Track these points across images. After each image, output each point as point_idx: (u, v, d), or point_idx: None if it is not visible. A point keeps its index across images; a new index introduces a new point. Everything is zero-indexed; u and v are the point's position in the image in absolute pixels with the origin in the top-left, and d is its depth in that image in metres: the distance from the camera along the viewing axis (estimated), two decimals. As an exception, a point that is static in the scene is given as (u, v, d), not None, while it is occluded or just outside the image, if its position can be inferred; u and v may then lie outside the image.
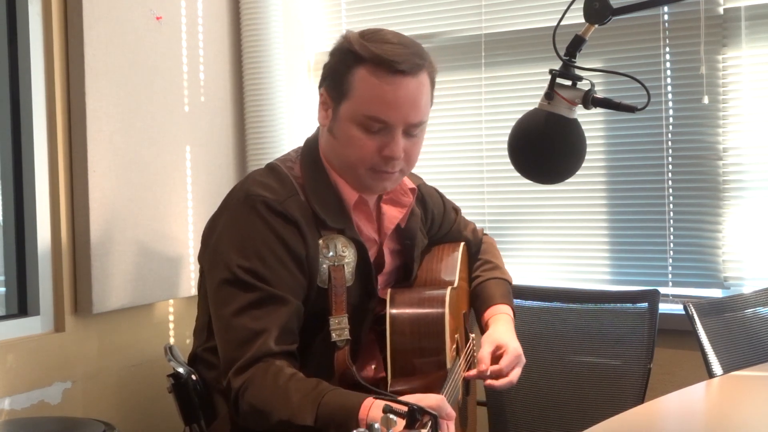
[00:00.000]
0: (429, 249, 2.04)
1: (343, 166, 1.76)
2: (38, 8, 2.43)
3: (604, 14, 1.57)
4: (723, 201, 2.58)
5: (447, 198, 2.15)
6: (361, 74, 1.68)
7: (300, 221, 1.71)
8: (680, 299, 2.52)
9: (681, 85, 2.63)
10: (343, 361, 1.71)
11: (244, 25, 2.96)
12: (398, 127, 1.69)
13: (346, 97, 1.70)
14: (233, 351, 1.65)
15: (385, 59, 1.66)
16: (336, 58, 1.73)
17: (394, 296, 1.78)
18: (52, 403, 2.42)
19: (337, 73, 1.71)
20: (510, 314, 2.02)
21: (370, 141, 1.70)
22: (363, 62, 1.67)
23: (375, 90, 1.67)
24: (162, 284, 2.67)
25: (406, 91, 1.68)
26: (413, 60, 1.68)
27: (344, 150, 1.73)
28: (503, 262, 2.17)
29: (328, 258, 1.73)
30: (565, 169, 1.64)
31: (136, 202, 2.58)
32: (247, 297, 1.66)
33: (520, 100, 2.82)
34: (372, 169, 1.72)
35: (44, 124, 2.45)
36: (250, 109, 2.96)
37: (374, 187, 1.78)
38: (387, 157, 1.70)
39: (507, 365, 1.83)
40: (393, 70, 1.67)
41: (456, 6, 2.95)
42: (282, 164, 1.81)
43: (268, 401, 1.58)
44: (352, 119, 1.69)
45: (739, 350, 2.22)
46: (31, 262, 2.44)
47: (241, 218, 1.72)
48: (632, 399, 2.25)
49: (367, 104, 1.68)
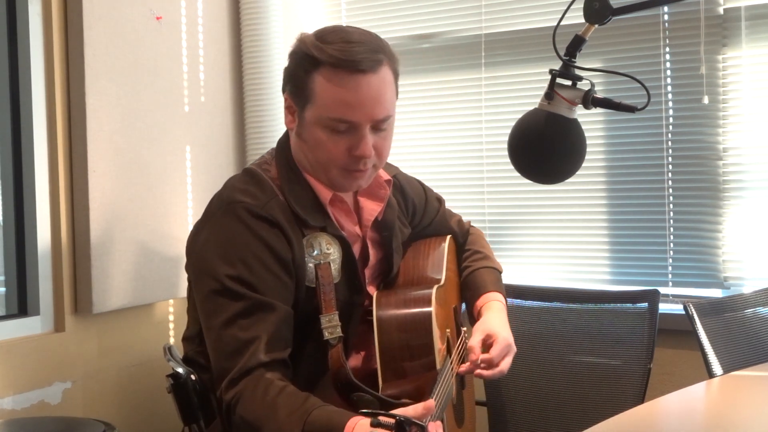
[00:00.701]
0: (415, 244, 2.03)
1: (314, 167, 1.75)
2: (38, 8, 2.43)
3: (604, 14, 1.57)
4: (723, 201, 2.58)
5: (429, 188, 2.13)
6: (320, 79, 1.66)
7: (283, 223, 1.70)
8: (680, 299, 2.52)
9: (681, 85, 2.63)
10: (338, 359, 1.71)
11: (244, 25, 2.96)
12: (365, 125, 1.68)
13: (309, 101, 1.68)
14: (224, 362, 1.65)
15: (342, 60, 1.64)
16: (294, 63, 1.71)
17: (380, 299, 1.78)
18: (52, 403, 2.42)
19: (298, 79, 1.70)
20: (502, 301, 2.00)
21: (339, 142, 1.68)
22: (321, 65, 1.66)
23: (336, 93, 1.65)
24: (162, 284, 2.67)
25: (368, 89, 1.66)
26: (372, 57, 1.66)
27: (314, 153, 1.72)
28: (492, 251, 2.15)
29: (313, 257, 1.73)
30: (565, 169, 1.64)
31: (136, 202, 2.58)
32: (235, 306, 1.65)
33: (520, 100, 2.81)
34: (344, 169, 1.72)
35: (44, 124, 2.45)
36: (250, 109, 2.96)
37: (348, 186, 1.77)
38: (357, 157, 1.69)
39: (497, 355, 1.81)
40: (352, 70, 1.64)
41: (456, 6, 2.94)
42: (258, 167, 1.80)
43: (258, 416, 1.58)
44: (318, 123, 1.68)
45: (739, 350, 2.22)
46: (31, 262, 2.44)
47: (224, 226, 1.71)
48: (632, 399, 2.25)
49: (331, 108, 1.66)
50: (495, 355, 1.81)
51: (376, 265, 1.91)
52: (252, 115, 2.96)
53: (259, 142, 2.93)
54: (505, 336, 1.86)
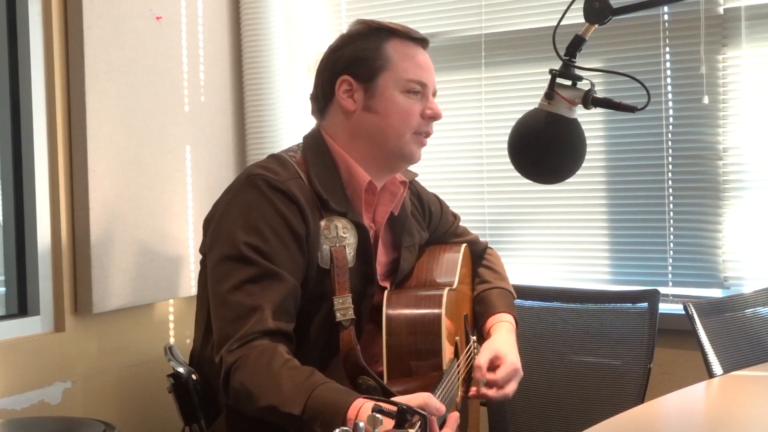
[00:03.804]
0: (430, 248, 2.04)
1: (382, 140, 1.82)
2: (38, 8, 2.43)
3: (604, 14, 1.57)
4: (723, 201, 2.58)
5: (446, 203, 2.18)
6: (395, 45, 1.83)
7: (300, 200, 1.73)
8: (680, 299, 2.52)
9: (681, 85, 2.63)
10: (349, 340, 1.72)
11: (244, 25, 2.96)
12: (431, 89, 1.86)
13: (383, 69, 1.81)
14: (227, 327, 1.65)
15: (410, 32, 1.86)
16: (362, 39, 1.85)
17: (390, 297, 1.78)
18: (52, 403, 2.42)
19: (366, 52, 1.82)
20: (513, 324, 2.03)
21: (414, 105, 1.83)
22: (394, 34, 1.84)
23: (412, 57, 1.83)
24: (162, 284, 2.67)
25: (428, 60, 1.88)
26: (419, 33, 1.89)
27: (388, 120, 1.81)
28: (507, 275, 2.19)
29: (329, 239, 1.75)
30: (565, 169, 1.64)
31: (136, 202, 2.58)
32: (244, 272, 1.66)
33: (520, 100, 2.82)
34: (417, 132, 1.84)
35: (44, 124, 2.45)
36: (250, 109, 2.96)
37: (416, 151, 1.86)
38: (430, 117, 1.84)
39: (503, 377, 1.84)
40: (417, 42, 1.87)
41: (456, 6, 2.95)
42: (284, 153, 1.85)
43: (259, 384, 1.57)
44: (395, 86, 1.81)
45: (739, 350, 2.22)
46: (31, 262, 2.44)
47: (243, 197, 1.74)
48: (632, 399, 2.25)
49: (408, 69, 1.82)
50: (500, 378, 1.84)
51: (388, 264, 1.92)
52: (252, 115, 2.96)
53: (259, 142, 2.93)
54: (512, 360, 1.88)
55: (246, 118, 2.98)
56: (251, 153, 2.95)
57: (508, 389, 1.85)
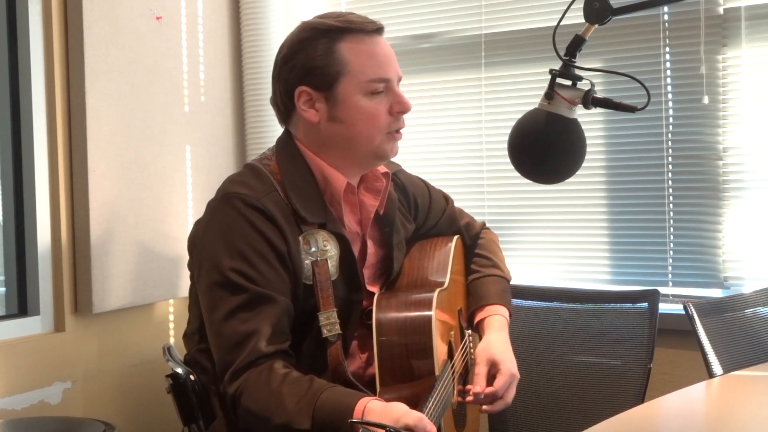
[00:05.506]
0: (420, 243, 2.01)
1: (352, 147, 1.76)
2: (38, 8, 2.43)
3: (604, 14, 1.57)
4: (723, 201, 2.58)
5: (435, 187, 2.13)
6: (348, 44, 1.74)
7: (278, 217, 1.70)
8: (680, 299, 2.51)
9: (681, 85, 2.62)
10: (336, 356, 1.71)
11: (244, 25, 2.96)
12: (395, 81, 1.77)
13: (341, 75, 1.73)
14: (226, 355, 1.65)
15: (357, 23, 1.75)
16: (310, 48, 1.76)
17: (380, 301, 1.76)
18: (52, 403, 2.42)
19: (319, 60, 1.74)
20: (505, 316, 1.99)
21: (380, 105, 1.75)
22: (344, 33, 1.74)
23: (368, 54, 1.74)
24: (162, 284, 2.67)
25: (386, 47, 1.79)
26: (371, 20, 1.79)
27: (355, 127, 1.75)
28: (503, 258, 2.14)
29: (310, 254, 1.73)
30: (565, 169, 1.64)
31: (136, 202, 2.58)
32: (234, 300, 1.65)
33: (520, 100, 2.81)
34: (388, 132, 1.77)
35: (44, 124, 2.45)
36: (250, 109, 2.96)
37: (392, 149, 1.80)
38: (399, 112, 1.77)
39: (501, 387, 1.82)
40: (369, 32, 1.76)
41: (456, 6, 2.94)
42: (259, 162, 1.82)
43: (264, 407, 1.58)
44: (357, 91, 1.74)
45: (739, 350, 2.22)
46: (31, 262, 2.44)
47: (220, 218, 1.72)
48: (632, 399, 2.25)
49: (367, 69, 1.73)
50: (499, 388, 1.81)
51: (378, 264, 1.90)
52: (252, 115, 2.96)
53: (259, 142, 2.93)
54: (508, 366, 1.85)
55: (246, 118, 2.98)
56: (251, 153, 2.95)
57: (507, 398, 1.83)
